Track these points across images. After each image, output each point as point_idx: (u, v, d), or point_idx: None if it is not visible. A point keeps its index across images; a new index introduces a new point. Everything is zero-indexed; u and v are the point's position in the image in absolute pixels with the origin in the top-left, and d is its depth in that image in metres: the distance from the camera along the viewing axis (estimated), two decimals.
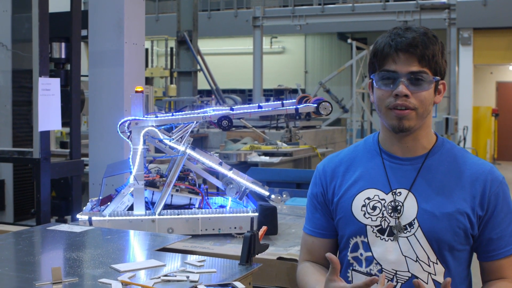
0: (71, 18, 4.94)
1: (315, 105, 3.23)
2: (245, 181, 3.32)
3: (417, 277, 1.98)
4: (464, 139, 15.66)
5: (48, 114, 4.36)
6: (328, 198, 2.19)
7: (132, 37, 4.67)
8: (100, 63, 4.70)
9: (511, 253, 1.99)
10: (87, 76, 4.92)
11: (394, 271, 2.01)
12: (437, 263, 1.99)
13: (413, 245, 1.99)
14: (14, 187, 5.59)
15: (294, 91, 13.23)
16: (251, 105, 3.35)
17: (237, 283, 2.06)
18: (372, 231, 2.05)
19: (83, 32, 5.06)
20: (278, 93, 12.31)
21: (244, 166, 6.90)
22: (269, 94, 18.20)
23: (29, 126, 5.39)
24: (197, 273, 2.19)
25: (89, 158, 4.85)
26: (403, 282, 2.00)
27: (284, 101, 3.31)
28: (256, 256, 2.31)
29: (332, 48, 24.11)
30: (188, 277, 2.13)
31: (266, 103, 3.35)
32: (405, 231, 2.00)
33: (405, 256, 2.00)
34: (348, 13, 17.03)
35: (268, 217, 3.16)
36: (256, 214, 3.16)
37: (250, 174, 3.42)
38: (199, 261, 2.35)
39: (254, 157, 7.70)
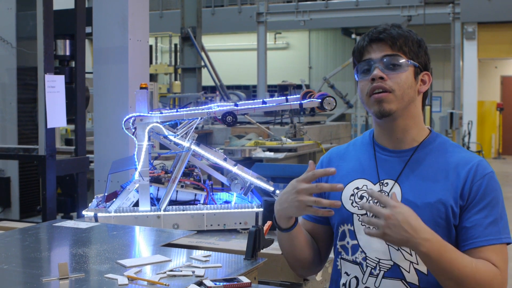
0: (76, 15, 4.95)
1: (319, 100, 3.23)
2: (250, 176, 3.32)
3: (399, 266, 2.02)
4: (469, 133, 15.64)
5: (54, 111, 4.38)
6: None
7: (136, 34, 4.68)
8: (104, 60, 4.71)
9: (483, 245, 1.95)
10: (91, 73, 4.93)
11: (378, 259, 2.06)
12: None
13: None
14: (20, 184, 5.61)
15: (299, 86, 13.22)
16: (255, 100, 3.36)
17: (242, 278, 2.07)
18: (358, 219, 2.11)
19: (88, 29, 5.08)
20: (282, 89, 12.29)
21: (248, 162, 6.92)
22: (273, 90, 18.20)
23: (34, 123, 5.41)
24: (202, 268, 2.20)
25: (94, 154, 4.87)
26: (386, 270, 2.04)
27: (288, 97, 3.32)
28: (261, 251, 2.33)
29: (336, 43, 24.08)
30: (193, 272, 2.15)
31: (271, 99, 3.35)
32: None
33: (388, 245, 2.04)
34: (352, 8, 16.99)
35: (273, 212, 3.15)
36: (261, 209, 3.17)
37: (254, 170, 3.42)
38: (204, 256, 2.37)
39: (259, 153, 7.71)
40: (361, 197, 2.12)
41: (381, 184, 2.09)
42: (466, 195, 1.98)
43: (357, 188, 2.14)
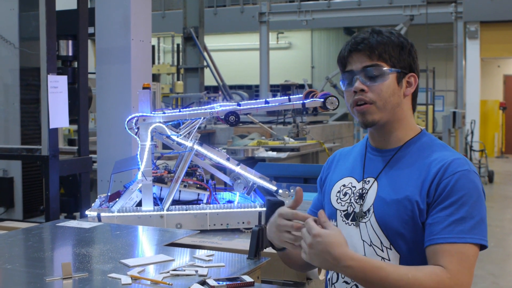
0: (78, 16, 4.96)
1: (322, 99, 3.24)
2: (252, 176, 3.33)
3: None
4: (472, 132, 15.62)
5: (56, 112, 4.39)
6: (323, 183, 2.32)
7: (139, 34, 4.69)
8: (107, 60, 4.72)
9: (442, 242, 1.90)
10: (94, 73, 4.94)
11: None
12: (391, 249, 2.02)
13: (368, 230, 2.05)
14: (23, 185, 5.62)
15: (301, 86, 13.19)
16: (258, 100, 3.36)
17: (245, 277, 2.08)
18: (340, 215, 2.15)
19: (90, 30, 5.09)
20: (285, 89, 12.28)
21: (251, 162, 6.92)
22: (276, 89, 18.19)
23: (37, 123, 5.42)
24: (205, 267, 2.21)
25: (97, 155, 4.88)
26: None
27: (291, 96, 3.32)
28: (264, 250, 2.33)
29: (338, 43, 24.06)
30: (197, 271, 2.15)
31: (273, 99, 3.36)
32: (364, 217, 2.07)
33: (363, 241, 2.07)
34: (355, 8, 17.00)
35: (275, 211, 3.16)
36: (264, 208, 3.17)
37: (257, 170, 3.43)
38: (207, 256, 2.37)
39: (262, 153, 7.72)
40: (345, 194, 2.15)
41: (364, 181, 2.12)
42: (433, 192, 1.96)
43: (344, 185, 2.18)
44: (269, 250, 2.44)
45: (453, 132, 13.47)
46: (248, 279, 2.06)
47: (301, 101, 3.27)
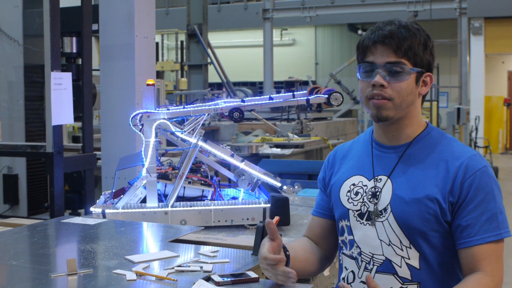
0: (82, 13, 4.95)
1: (326, 96, 3.23)
2: (257, 172, 3.33)
3: (390, 261, 2.03)
4: (476, 129, 15.59)
5: (61, 108, 4.39)
6: (326, 183, 2.29)
7: (143, 31, 4.68)
8: (111, 57, 4.72)
9: (480, 243, 1.95)
10: (98, 70, 4.94)
11: (371, 254, 2.07)
12: (410, 248, 2.02)
13: (386, 230, 2.04)
14: (28, 182, 5.62)
15: (305, 83, 13.19)
16: (262, 97, 3.36)
17: (250, 273, 2.08)
18: (353, 215, 2.13)
19: (94, 26, 5.08)
20: (288, 85, 12.26)
21: (255, 158, 6.92)
22: (279, 86, 18.17)
23: (41, 120, 5.42)
24: (210, 263, 2.21)
25: (101, 151, 4.88)
26: (378, 265, 2.06)
27: (295, 93, 3.32)
28: None
29: (342, 39, 24.03)
30: (201, 267, 2.15)
31: (277, 95, 3.36)
32: (380, 216, 2.06)
33: (380, 240, 2.06)
34: (358, 4, 16.96)
35: (280, 208, 3.17)
36: (268, 205, 3.17)
37: (261, 166, 3.43)
38: (212, 252, 2.37)
39: (266, 149, 7.71)
40: (356, 193, 2.13)
41: (375, 180, 2.10)
42: (457, 192, 1.97)
43: (353, 184, 2.15)
44: None
45: (457, 129, 13.44)
46: (253, 275, 2.06)
47: (306, 97, 3.27)
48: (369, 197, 2.08)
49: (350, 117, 16.07)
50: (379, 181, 2.09)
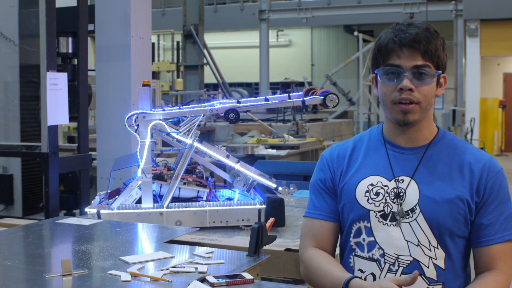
0: (78, 13, 4.95)
1: (322, 97, 3.23)
2: (252, 173, 3.33)
3: (418, 261, 2.04)
4: (472, 130, 15.62)
5: (56, 109, 4.38)
6: (336, 183, 2.23)
7: (139, 31, 4.68)
8: (107, 57, 4.71)
9: (499, 241, 2.02)
10: (94, 70, 4.94)
11: (396, 256, 2.06)
12: (438, 248, 2.04)
13: (415, 230, 2.05)
14: (23, 182, 5.62)
15: (301, 84, 13.21)
16: (258, 98, 3.36)
17: (245, 274, 2.08)
18: (375, 216, 2.11)
19: (90, 27, 5.08)
20: (284, 86, 12.27)
21: (251, 159, 6.91)
22: (275, 87, 18.18)
23: (37, 121, 5.42)
24: (205, 264, 2.20)
25: (97, 152, 4.87)
26: (405, 266, 2.05)
27: (291, 94, 3.32)
28: (264, 247, 2.33)
29: (338, 40, 24.05)
30: (196, 268, 2.15)
31: (273, 96, 3.35)
32: (407, 217, 2.06)
33: (407, 241, 2.05)
34: (355, 6, 17.00)
35: (275, 209, 3.17)
36: (264, 206, 3.17)
37: (257, 167, 3.43)
38: (207, 253, 2.37)
39: (261, 150, 7.71)
40: (377, 194, 2.11)
41: (396, 180, 2.10)
42: (482, 192, 2.04)
43: (372, 184, 2.13)
44: (268, 247, 2.45)
45: (452, 130, 13.47)
46: (248, 276, 2.06)
47: (301, 99, 3.27)
48: (392, 197, 2.08)
49: (346, 118, 16.07)
50: (401, 181, 2.09)
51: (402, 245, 2.05)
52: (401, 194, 2.08)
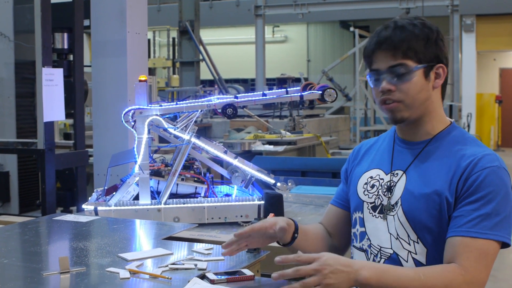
0: (73, 8, 4.92)
1: (320, 92, 3.22)
2: (250, 169, 3.31)
3: (397, 254, 2.03)
4: (468, 126, 15.62)
5: (52, 105, 4.35)
6: (348, 174, 2.32)
7: (135, 27, 4.65)
8: (103, 53, 4.68)
9: (463, 235, 1.89)
10: (90, 66, 4.91)
11: (379, 247, 2.08)
12: (418, 243, 2.01)
13: (396, 224, 2.05)
14: (19, 179, 5.59)
15: (297, 80, 13.18)
16: (255, 93, 3.34)
17: (245, 271, 2.06)
18: (367, 207, 2.15)
19: (86, 22, 5.05)
20: (281, 82, 12.26)
21: (248, 155, 6.90)
22: (272, 83, 18.17)
23: (32, 117, 5.39)
24: (205, 261, 2.19)
25: (93, 148, 4.85)
26: (386, 258, 2.06)
27: (288, 89, 3.30)
28: None
29: (334, 36, 24.03)
30: (196, 265, 2.13)
31: (270, 91, 3.33)
32: (392, 210, 2.06)
33: (390, 234, 2.06)
34: (350, 1, 16.92)
35: (274, 204, 3.15)
36: (262, 202, 3.15)
37: (255, 163, 3.41)
38: (206, 249, 2.35)
39: (258, 146, 7.70)
40: (372, 186, 2.15)
41: (392, 174, 2.12)
42: (461, 186, 1.95)
43: (371, 177, 2.18)
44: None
45: None
46: (248, 272, 2.04)
47: (299, 94, 3.25)
48: (384, 190, 2.10)
49: (343, 114, 16.05)
50: (395, 175, 2.10)
51: (385, 237, 2.07)
52: (392, 187, 2.09)
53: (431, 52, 2.04)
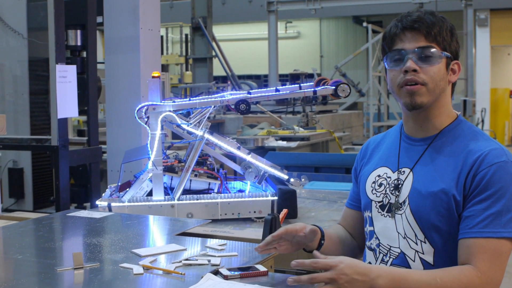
0: (87, 5, 4.93)
1: (333, 87, 3.20)
2: (264, 165, 3.30)
3: (405, 254, 2.02)
4: (482, 121, 15.54)
5: (65, 101, 4.37)
6: (358, 174, 2.31)
7: (148, 23, 4.66)
8: (116, 49, 4.69)
9: (477, 236, 1.88)
10: (103, 63, 4.92)
11: (389, 247, 2.07)
12: (425, 242, 1.99)
13: (403, 223, 2.03)
14: (33, 175, 5.62)
15: (310, 75, 13.14)
16: (268, 89, 3.33)
17: (259, 266, 2.06)
18: (375, 206, 2.13)
19: (99, 19, 5.06)
20: (293, 78, 12.23)
21: (261, 151, 6.89)
22: (284, 79, 18.14)
23: (46, 114, 5.41)
24: (218, 256, 2.18)
25: (107, 144, 4.86)
26: (394, 257, 2.04)
27: (301, 84, 3.29)
28: None
29: (347, 31, 23.96)
30: (209, 260, 2.13)
31: (284, 87, 3.32)
32: (400, 209, 2.04)
33: (398, 233, 2.04)
34: None
35: (287, 200, 3.14)
36: (276, 197, 3.15)
37: (268, 159, 3.40)
38: (220, 245, 2.35)
39: (271, 142, 7.68)
40: (380, 185, 2.12)
41: (399, 172, 2.09)
42: (469, 184, 1.92)
43: (379, 176, 2.15)
44: None
45: None
46: (261, 268, 2.04)
47: (313, 89, 3.24)
48: (392, 189, 2.07)
49: (356, 109, 16.00)
50: (402, 173, 2.08)
51: (394, 236, 2.05)
52: (400, 186, 2.06)
53: (454, 45, 2.05)
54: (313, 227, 2.07)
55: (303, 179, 3.96)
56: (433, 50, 1.99)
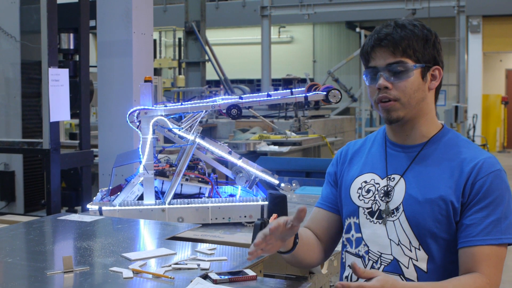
0: (79, 9, 4.94)
1: (325, 93, 3.22)
2: (254, 169, 3.31)
3: (398, 261, 2.02)
4: (474, 127, 15.60)
5: (58, 105, 4.37)
6: (338, 178, 2.28)
7: (141, 27, 4.66)
8: (108, 53, 4.69)
9: (480, 244, 1.92)
10: (95, 66, 4.93)
11: (379, 253, 2.06)
12: (419, 249, 2.00)
13: (397, 229, 2.03)
14: (24, 178, 5.61)
15: (303, 80, 13.17)
16: (260, 94, 3.35)
17: (248, 271, 2.07)
18: (363, 213, 2.12)
19: (92, 23, 5.07)
20: (286, 83, 12.27)
21: (253, 156, 6.91)
22: (277, 84, 18.16)
23: (38, 117, 5.41)
24: (208, 261, 2.20)
25: (98, 148, 4.86)
26: (386, 264, 2.04)
27: (293, 90, 3.30)
28: None
29: (340, 37, 24.02)
30: (199, 265, 2.14)
31: (275, 92, 3.34)
32: (392, 215, 2.04)
33: (390, 240, 2.04)
34: (357, 2, 16.91)
35: (278, 205, 3.15)
36: (266, 202, 3.16)
37: (259, 163, 3.41)
38: (209, 249, 2.36)
39: (263, 147, 7.70)
40: (368, 191, 2.12)
41: (388, 179, 2.09)
42: (468, 191, 1.96)
43: (365, 182, 2.14)
44: None
45: (455, 127, 13.45)
46: (250, 272, 2.05)
47: (304, 94, 3.26)
48: (381, 195, 2.08)
49: (348, 114, 16.03)
50: (392, 180, 2.08)
51: (385, 243, 2.05)
52: (390, 192, 2.07)
53: (429, 53, 2.05)
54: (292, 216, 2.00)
55: (294, 184, 3.98)
56: (403, 64, 2.00)
